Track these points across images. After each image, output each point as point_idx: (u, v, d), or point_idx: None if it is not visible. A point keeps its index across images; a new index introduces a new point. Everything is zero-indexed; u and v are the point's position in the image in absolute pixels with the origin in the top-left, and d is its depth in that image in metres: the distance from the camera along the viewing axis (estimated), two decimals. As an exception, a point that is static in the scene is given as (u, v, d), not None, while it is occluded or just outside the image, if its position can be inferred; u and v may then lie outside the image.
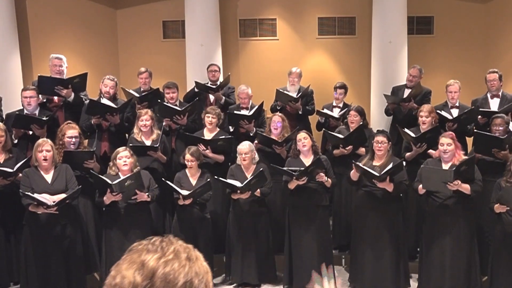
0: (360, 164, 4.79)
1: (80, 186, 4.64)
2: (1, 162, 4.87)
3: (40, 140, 4.66)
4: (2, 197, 4.87)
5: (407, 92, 6.33)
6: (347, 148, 5.51)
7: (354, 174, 4.89)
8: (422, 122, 5.43)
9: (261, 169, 4.97)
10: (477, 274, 4.73)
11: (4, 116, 5.60)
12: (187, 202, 4.91)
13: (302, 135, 5.10)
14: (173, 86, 5.98)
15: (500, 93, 5.80)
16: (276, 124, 5.56)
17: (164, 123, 5.74)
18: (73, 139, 4.96)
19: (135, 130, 5.40)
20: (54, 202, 4.42)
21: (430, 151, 5.28)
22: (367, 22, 8.37)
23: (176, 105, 5.91)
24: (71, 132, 4.98)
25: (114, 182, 4.54)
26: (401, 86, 6.58)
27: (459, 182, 4.46)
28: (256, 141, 5.60)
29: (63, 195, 4.53)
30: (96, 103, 5.48)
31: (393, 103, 6.21)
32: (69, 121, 5.15)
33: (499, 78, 5.76)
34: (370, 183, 4.84)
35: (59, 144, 4.96)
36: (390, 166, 4.73)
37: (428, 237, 4.82)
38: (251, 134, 5.84)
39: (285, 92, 6.16)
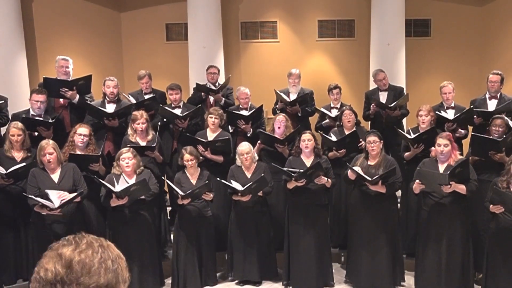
0: (354, 168, 4.86)
1: (82, 190, 4.69)
2: (18, 160, 4.94)
3: (42, 143, 4.70)
4: (12, 195, 4.96)
5: (381, 95, 6.40)
6: (339, 152, 5.59)
7: (351, 174, 4.96)
8: (421, 121, 5.48)
9: (262, 174, 5.05)
10: (471, 272, 4.79)
11: (10, 117, 5.63)
12: (186, 202, 5.01)
13: (306, 136, 5.15)
14: (176, 87, 6.10)
15: (498, 95, 5.84)
16: (280, 123, 5.66)
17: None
18: (82, 137, 5.05)
19: (130, 131, 5.46)
20: (58, 203, 4.46)
21: (432, 148, 5.26)
22: (366, 24, 8.49)
23: (179, 107, 6.05)
24: (81, 130, 5.07)
25: (119, 190, 4.63)
26: (374, 90, 6.65)
27: (454, 183, 4.50)
28: (259, 141, 5.73)
29: (65, 193, 4.58)
30: (94, 108, 5.56)
31: (379, 108, 6.21)
32: (82, 123, 5.29)
33: (500, 81, 5.79)
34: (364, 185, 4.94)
35: (69, 141, 5.09)
36: (382, 169, 4.82)
37: (424, 236, 4.86)
38: (248, 135, 5.95)
39: (282, 94, 6.27)
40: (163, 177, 5.25)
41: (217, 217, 5.58)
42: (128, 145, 5.16)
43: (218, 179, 5.18)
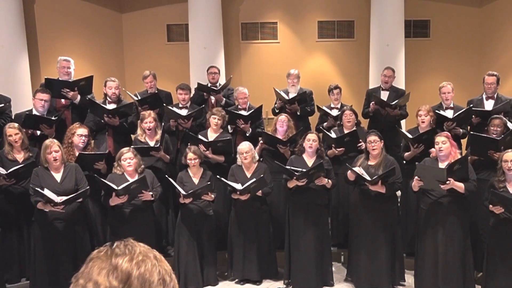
0: (354, 169, 4.89)
1: (88, 187, 4.72)
2: (20, 161, 4.97)
3: (47, 141, 4.72)
4: (15, 196, 4.99)
5: (383, 94, 6.40)
6: (338, 149, 5.61)
7: (351, 175, 4.98)
8: (421, 121, 5.50)
9: (262, 175, 5.08)
10: (471, 270, 4.80)
11: (13, 117, 5.65)
12: (187, 201, 5.05)
13: (312, 136, 5.16)
14: (186, 88, 6.17)
15: (495, 95, 5.86)
16: (283, 123, 5.68)
17: (171, 123, 5.91)
18: (83, 138, 5.09)
19: (139, 131, 5.54)
20: (61, 200, 4.49)
21: (432, 149, 5.29)
22: (366, 25, 8.55)
23: (186, 107, 6.11)
24: (81, 130, 5.11)
25: (119, 187, 4.67)
26: (376, 89, 6.66)
27: (452, 180, 4.51)
28: (261, 141, 5.76)
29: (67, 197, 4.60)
30: (97, 105, 5.61)
31: (379, 106, 6.20)
32: (78, 122, 5.30)
33: (496, 82, 5.82)
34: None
35: (67, 142, 5.09)
36: (382, 169, 4.85)
37: (423, 234, 4.87)
38: (247, 135, 6.00)
39: (281, 92, 6.32)
40: (166, 175, 5.28)
41: (218, 216, 5.61)
42: (132, 146, 5.20)
43: (217, 177, 5.22)
